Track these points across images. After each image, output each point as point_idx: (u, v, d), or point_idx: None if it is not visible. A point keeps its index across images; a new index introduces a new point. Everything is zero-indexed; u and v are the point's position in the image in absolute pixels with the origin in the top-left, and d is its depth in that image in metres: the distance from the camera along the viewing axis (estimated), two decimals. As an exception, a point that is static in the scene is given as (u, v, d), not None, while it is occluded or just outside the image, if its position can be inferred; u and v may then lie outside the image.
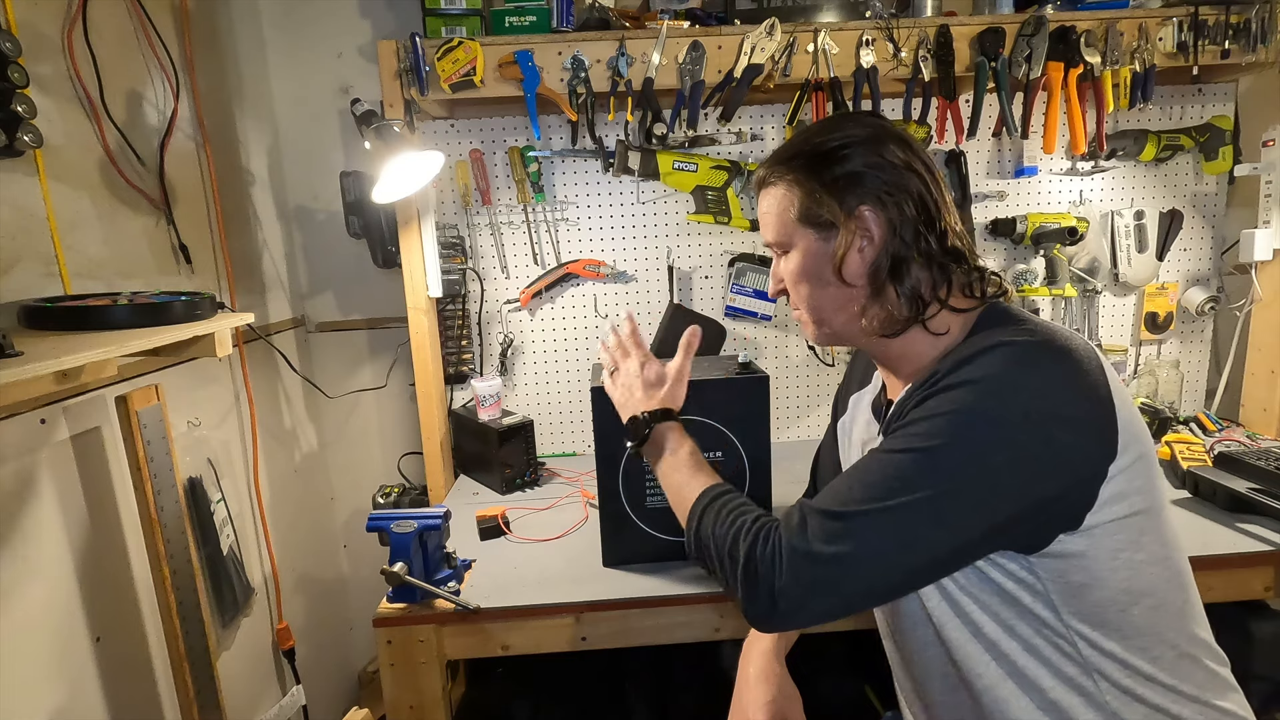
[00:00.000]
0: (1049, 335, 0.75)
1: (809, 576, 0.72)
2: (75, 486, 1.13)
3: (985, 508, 0.71)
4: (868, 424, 0.97)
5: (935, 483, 0.71)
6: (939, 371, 0.76)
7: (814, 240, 0.85)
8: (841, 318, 0.86)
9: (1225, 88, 1.76)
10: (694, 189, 1.71)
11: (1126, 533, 0.75)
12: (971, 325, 0.83)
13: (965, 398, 0.72)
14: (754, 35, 1.48)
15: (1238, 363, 1.80)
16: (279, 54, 1.83)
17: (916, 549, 0.72)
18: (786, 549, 0.73)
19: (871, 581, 0.73)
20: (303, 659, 1.73)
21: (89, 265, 1.18)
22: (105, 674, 1.15)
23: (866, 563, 0.72)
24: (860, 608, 0.76)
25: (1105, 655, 0.76)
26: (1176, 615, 0.78)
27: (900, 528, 0.71)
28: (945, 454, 0.71)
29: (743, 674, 0.99)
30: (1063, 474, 0.72)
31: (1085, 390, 0.72)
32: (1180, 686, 0.77)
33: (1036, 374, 0.72)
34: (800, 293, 0.88)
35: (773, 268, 0.93)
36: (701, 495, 0.87)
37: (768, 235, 0.91)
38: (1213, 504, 1.34)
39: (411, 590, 1.14)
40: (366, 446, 2.01)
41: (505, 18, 1.52)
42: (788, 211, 0.86)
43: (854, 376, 1.08)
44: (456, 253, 1.75)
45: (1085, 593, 0.75)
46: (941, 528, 0.71)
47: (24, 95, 0.99)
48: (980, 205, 1.79)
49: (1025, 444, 0.71)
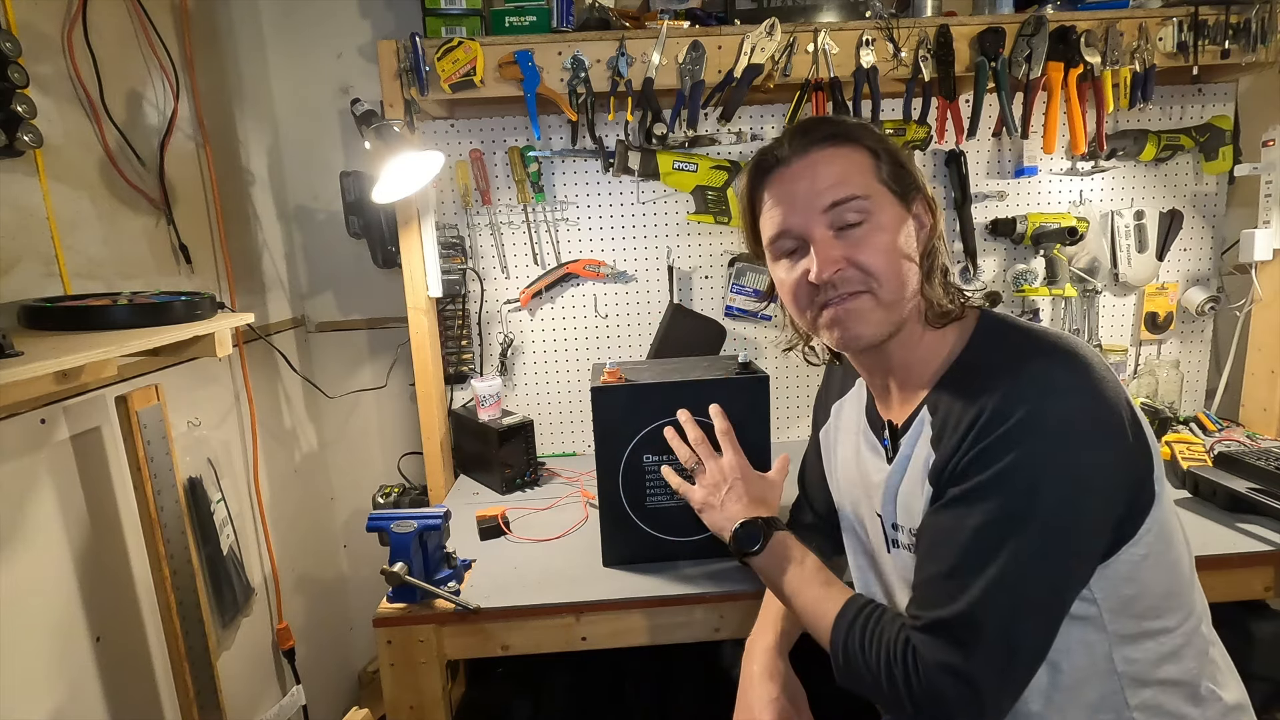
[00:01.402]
0: (1069, 346, 0.75)
1: (975, 697, 0.70)
2: (75, 486, 1.13)
3: (1087, 539, 0.72)
4: (863, 440, 0.94)
5: (1035, 536, 0.70)
6: (984, 409, 0.73)
7: (895, 206, 0.80)
8: (910, 295, 0.80)
9: (1225, 88, 1.76)
10: (694, 189, 1.71)
11: (1157, 531, 0.76)
12: (970, 335, 0.82)
13: (1029, 441, 0.70)
14: (754, 35, 1.48)
15: (1238, 363, 1.80)
16: (279, 54, 1.83)
17: (1039, 608, 0.72)
18: (940, 680, 0.71)
19: (1033, 652, 0.73)
20: (303, 659, 1.73)
21: (89, 265, 1.18)
22: (105, 674, 1.15)
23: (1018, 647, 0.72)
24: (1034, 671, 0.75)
25: (1135, 663, 0.76)
26: (1199, 616, 0.80)
27: (1025, 597, 0.71)
28: (1034, 504, 0.70)
29: (747, 672, 0.99)
30: (1129, 478, 0.73)
31: (1116, 394, 0.73)
32: (1199, 687, 0.78)
33: (1081, 393, 0.72)
34: (890, 263, 0.78)
35: (823, 247, 0.78)
36: (839, 618, 0.81)
37: (839, 192, 0.78)
38: (1213, 504, 1.34)
39: (411, 590, 1.14)
40: (366, 446, 2.01)
41: (505, 18, 1.52)
42: (869, 171, 0.80)
43: (832, 385, 1.06)
44: (456, 253, 1.75)
45: (1133, 604, 0.76)
46: (1057, 571, 0.72)
47: (24, 95, 0.99)
48: (980, 205, 1.79)
49: (1099, 464, 0.71)
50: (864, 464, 0.93)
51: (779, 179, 0.82)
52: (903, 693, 0.73)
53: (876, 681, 0.76)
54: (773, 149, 0.83)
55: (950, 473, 0.75)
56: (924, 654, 0.72)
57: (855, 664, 0.78)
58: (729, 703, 0.99)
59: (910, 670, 0.73)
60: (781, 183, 0.82)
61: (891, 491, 0.86)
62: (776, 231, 0.83)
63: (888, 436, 0.88)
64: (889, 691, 0.75)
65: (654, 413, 1.18)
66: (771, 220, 0.83)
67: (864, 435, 0.94)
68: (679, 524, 1.24)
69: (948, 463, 0.75)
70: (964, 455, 0.74)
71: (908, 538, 0.84)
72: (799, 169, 0.80)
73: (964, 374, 0.80)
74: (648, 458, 1.21)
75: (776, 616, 1.01)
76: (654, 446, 1.20)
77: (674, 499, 1.23)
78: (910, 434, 0.83)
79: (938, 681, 0.71)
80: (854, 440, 0.96)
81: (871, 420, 0.93)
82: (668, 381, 1.20)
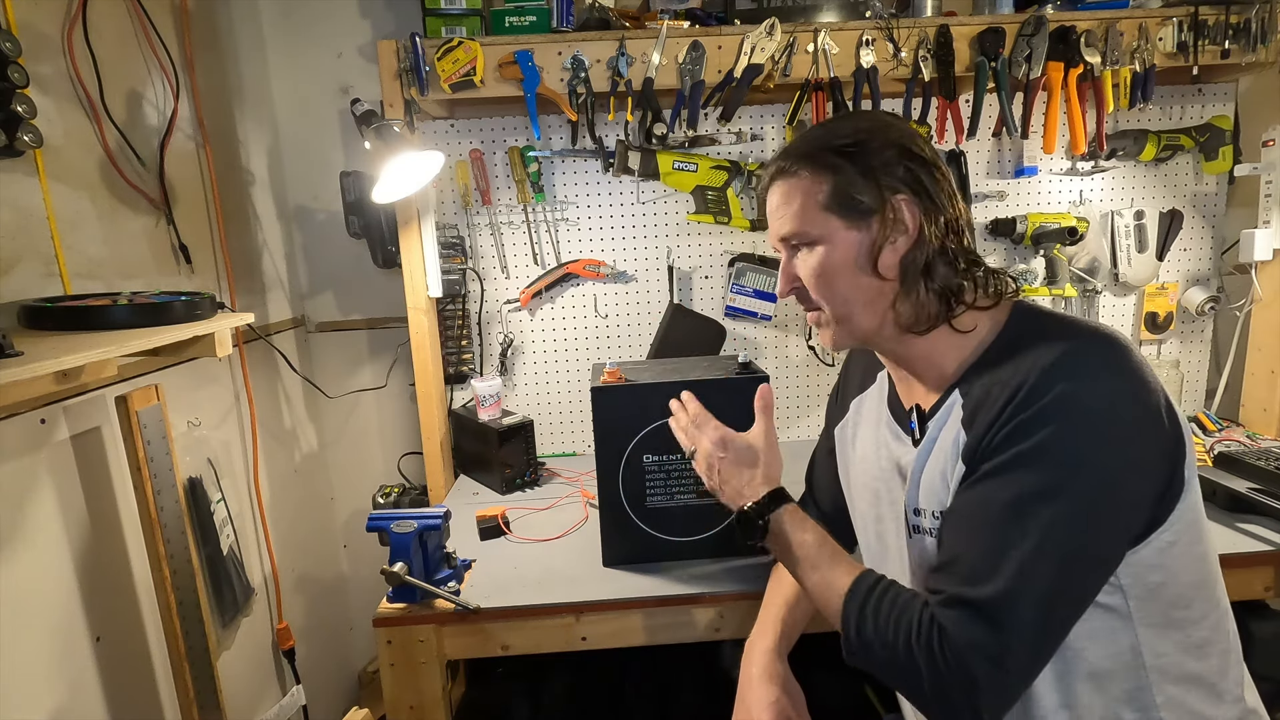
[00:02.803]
0: (1109, 332, 0.75)
1: (1003, 679, 0.69)
2: (75, 486, 1.13)
3: (1121, 519, 0.72)
4: (886, 429, 0.93)
5: (1069, 512, 0.69)
6: (1022, 385, 0.72)
7: (843, 230, 0.81)
8: (870, 314, 0.82)
9: (1225, 88, 1.76)
10: (694, 189, 1.71)
11: (1187, 520, 0.76)
12: (1004, 323, 0.82)
13: (1066, 417, 0.70)
14: (754, 35, 1.48)
15: (1238, 363, 1.80)
16: (279, 54, 1.83)
17: (1072, 588, 0.71)
18: (969, 659, 0.68)
19: (1060, 635, 0.72)
20: (303, 659, 1.73)
21: (89, 265, 1.18)
22: (105, 674, 1.15)
23: (1049, 629, 0.71)
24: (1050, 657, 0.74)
25: (1163, 656, 0.76)
26: (1224, 613, 0.80)
27: (1059, 576, 0.69)
28: (1069, 479, 0.69)
29: (746, 673, 0.98)
30: (1164, 463, 0.73)
31: (1154, 380, 0.73)
32: (1221, 685, 0.78)
33: (1120, 374, 0.72)
34: (825, 288, 0.83)
35: (783, 266, 0.87)
36: (850, 594, 0.78)
37: (784, 227, 0.84)
38: (1213, 504, 1.33)
39: (411, 590, 1.14)
40: (366, 446, 2.01)
41: (505, 18, 1.52)
42: (812, 200, 0.82)
43: (852, 379, 1.04)
44: (456, 253, 1.75)
45: (1160, 592, 0.75)
46: (1091, 550, 0.71)
47: (24, 95, 0.99)
48: (980, 205, 1.79)
49: (1136, 445, 0.71)
50: (888, 451, 0.91)
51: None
52: (924, 673, 0.70)
53: (893, 659, 0.73)
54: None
55: (984, 448, 0.74)
56: (953, 634, 0.69)
57: (869, 641, 0.75)
58: (729, 703, 0.98)
59: (937, 651, 0.69)
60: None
61: (916, 475, 0.85)
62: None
63: (914, 420, 0.87)
64: (907, 671, 0.71)
65: (654, 413, 1.18)
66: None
67: (887, 424, 0.93)
68: (679, 524, 1.24)
69: (982, 439, 0.75)
70: (999, 431, 0.73)
71: (930, 521, 0.83)
72: (767, 198, 0.88)
73: (998, 359, 0.79)
74: (648, 458, 1.21)
75: (776, 618, 1.01)
76: (654, 446, 1.20)
77: (674, 499, 1.23)
78: (939, 417, 0.82)
79: (968, 662, 0.68)
80: (875, 432, 0.95)
81: (894, 409, 0.93)
82: (668, 381, 1.20)
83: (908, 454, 0.87)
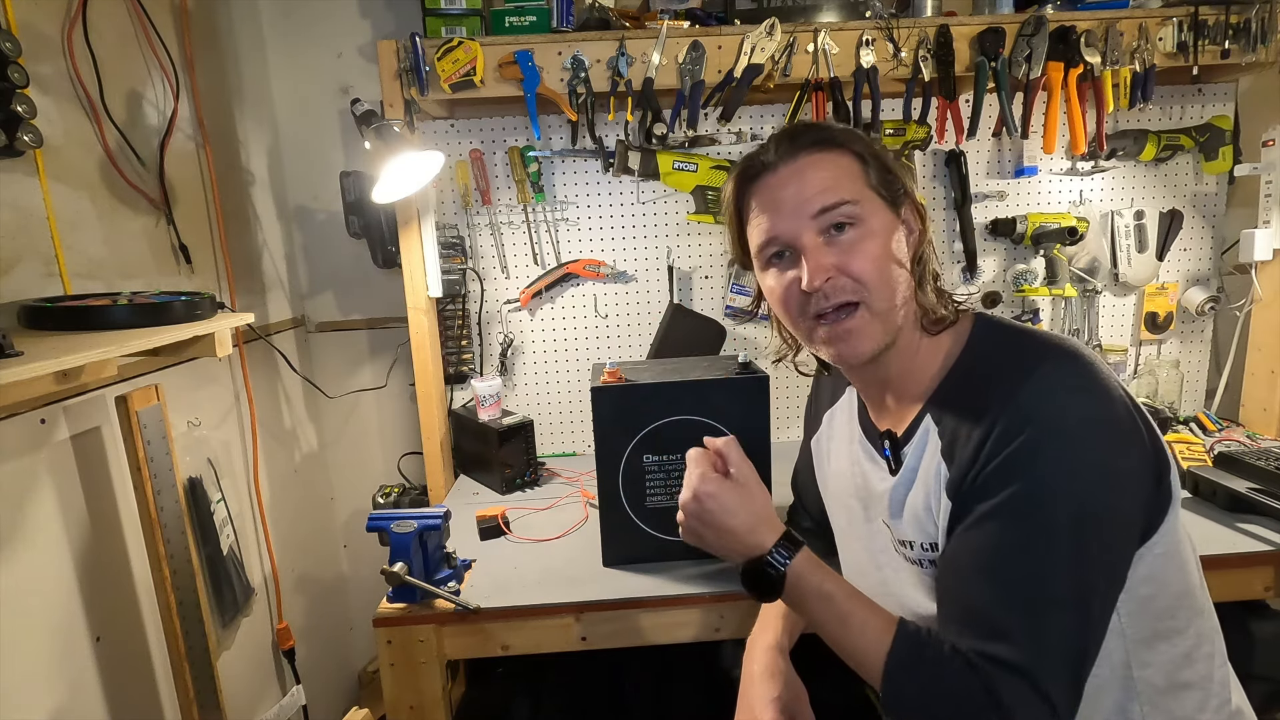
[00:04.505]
0: (1071, 347, 0.74)
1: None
2: (75, 486, 1.13)
3: (1126, 536, 0.72)
4: (859, 448, 0.92)
5: (1082, 542, 0.68)
6: (1000, 416, 0.70)
7: (884, 211, 0.79)
8: (904, 306, 0.79)
9: (1225, 88, 1.76)
10: (694, 189, 1.71)
11: (1174, 528, 0.76)
12: (967, 336, 0.82)
13: (1054, 445, 0.68)
14: (754, 35, 1.48)
15: (1238, 363, 1.80)
16: (279, 54, 1.83)
17: (1102, 624, 0.71)
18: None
19: (1084, 679, 0.70)
20: (303, 659, 1.73)
21: (89, 265, 1.18)
22: (105, 674, 1.15)
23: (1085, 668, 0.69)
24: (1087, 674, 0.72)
25: (1150, 668, 0.76)
26: (1207, 617, 0.80)
27: (1088, 611, 0.69)
28: (1074, 507, 0.68)
29: (748, 671, 0.98)
30: (1149, 471, 0.73)
31: (1122, 393, 0.73)
32: (1208, 689, 0.78)
33: (1091, 392, 0.71)
34: (878, 272, 0.76)
35: (814, 255, 0.76)
36: (892, 652, 0.71)
37: (829, 197, 0.76)
38: (1213, 504, 1.34)
39: (411, 590, 1.14)
40: (366, 446, 2.01)
41: (505, 18, 1.52)
42: (860, 176, 0.78)
43: (824, 391, 1.05)
44: (456, 253, 1.75)
45: (1149, 605, 0.75)
46: (1109, 575, 0.71)
47: (24, 95, 0.99)
48: (980, 205, 1.79)
49: (1124, 459, 0.71)
50: (864, 475, 0.91)
51: (766, 185, 0.81)
52: None
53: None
54: (759, 155, 0.82)
55: (972, 485, 0.72)
56: (1013, 707, 0.65)
57: (912, 707, 0.71)
58: (729, 703, 0.99)
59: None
60: (769, 189, 0.81)
61: (898, 504, 0.83)
62: (765, 239, 0.81)
63: (888, 447, 0.85)
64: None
65: (654, 413, 1.19)
66: (759, 227, 0.81)
67: (860, 445, 0.92)
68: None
69: (966, 474, 0.73)
70: (984, 466, 0.71)
71: (919, 553, 0.81)
72: (786, 175, 0.79)
73: (966, 379, 0.79)
74: (648, 458, 1.21)
75: (778, 615, 1.01)
76: (654, 446, 1.20)
77: (674, 499, 1.22)
78: (915, 445, 0.81)
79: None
80: (849, 450, 0.94)
81: (866, 430, 0.92)
82: (668, 381, 1.20)
83: (885, 480, 0.86)
